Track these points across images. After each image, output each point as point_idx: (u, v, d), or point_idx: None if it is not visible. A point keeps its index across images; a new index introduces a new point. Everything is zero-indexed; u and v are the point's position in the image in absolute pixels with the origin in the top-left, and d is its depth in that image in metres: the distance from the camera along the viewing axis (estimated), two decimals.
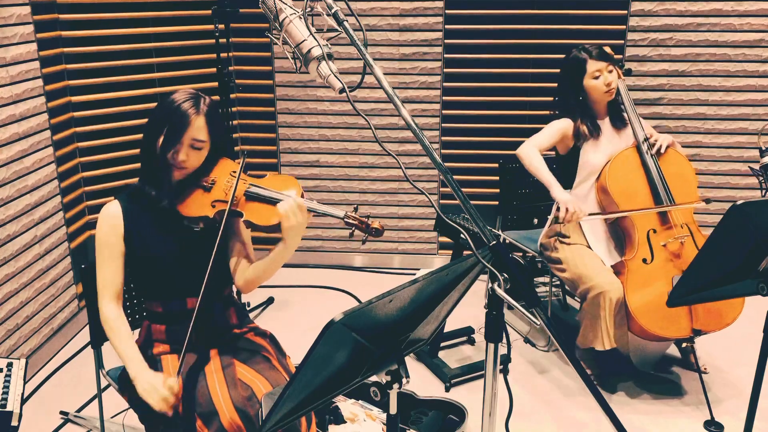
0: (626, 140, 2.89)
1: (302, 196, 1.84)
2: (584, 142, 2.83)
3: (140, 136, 1.92)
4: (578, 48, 2.82)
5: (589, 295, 2.69)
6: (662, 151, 2.82)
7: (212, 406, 1.74)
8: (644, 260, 2.70)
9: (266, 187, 1.89)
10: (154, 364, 1.89)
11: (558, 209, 2.92)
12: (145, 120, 1.90)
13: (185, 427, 1.75)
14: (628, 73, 2.94)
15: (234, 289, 2.04)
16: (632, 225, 2.74)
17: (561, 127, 2.85)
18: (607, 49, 2.81)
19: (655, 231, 2.74)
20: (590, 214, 2.75)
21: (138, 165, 3.77)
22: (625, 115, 2.90)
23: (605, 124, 2.89)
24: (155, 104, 1.90)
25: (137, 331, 2.06)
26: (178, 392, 1.76)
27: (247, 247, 1.99)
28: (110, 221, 1.89)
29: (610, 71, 2.76)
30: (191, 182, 1.92)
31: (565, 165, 2.93)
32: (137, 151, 3.57)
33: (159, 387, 1.74)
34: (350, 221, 1.78)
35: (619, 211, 2.74)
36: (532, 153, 2.81)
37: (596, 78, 2.76)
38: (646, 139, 2.83)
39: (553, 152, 3.02)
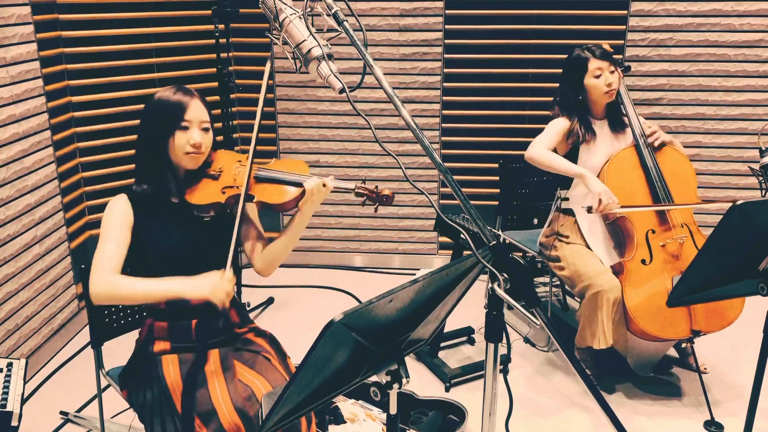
0: (625, 142, 2.88)
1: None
2: (579, 143, 2.82)
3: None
4: (581, 47, 2.82)
5: (587, 293, 2.70)
6: (656, 144, 2.81)
7: (211, 406, 1.74)
8: (643, 261, 2.70)
9: (275, 170, 1.99)
10: (154, 362, 1.88)
11: (559, 200, 2.92)
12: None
13: (184, 427, 1.75)
14: (627, 70, 2.94)
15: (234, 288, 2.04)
16: (631, 225, 2.73)
17: (562, 127, 2.84)
18: (607, 47, 2.81)
19: (654, 231, 2.73)
20: (622, 207, 2.65)
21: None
22: (624, 116, 2.88)
23: (603, 126, 2.88)
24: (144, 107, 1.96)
25: (138, 330, 2.05)
26: (232, 279, 1.83)
27: (260, 228, 2.06)
28: (121, 209, 1.88)
29: (612, 72, 2.75)
30: (198, 174, 1.96)
31: None
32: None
33: (221, 282, 1.79)
34: (361, 191, 1.93)
35: (648, 206, 2.69)
36: (543, 152, 2.78)
37: (597, 77, 2.75)
38: (644, 134, 2.83)
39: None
